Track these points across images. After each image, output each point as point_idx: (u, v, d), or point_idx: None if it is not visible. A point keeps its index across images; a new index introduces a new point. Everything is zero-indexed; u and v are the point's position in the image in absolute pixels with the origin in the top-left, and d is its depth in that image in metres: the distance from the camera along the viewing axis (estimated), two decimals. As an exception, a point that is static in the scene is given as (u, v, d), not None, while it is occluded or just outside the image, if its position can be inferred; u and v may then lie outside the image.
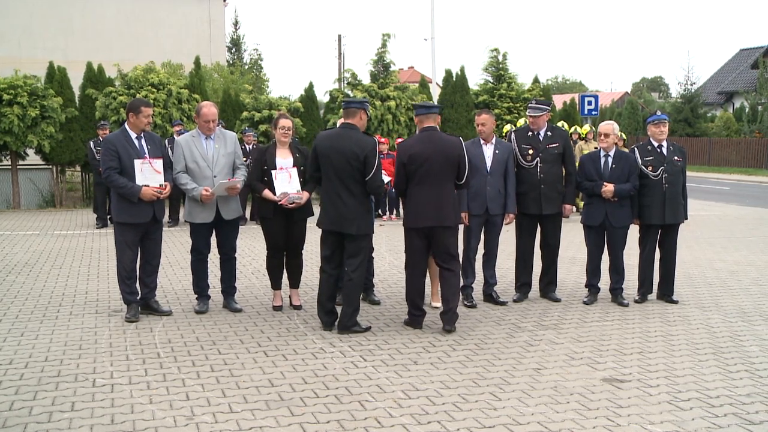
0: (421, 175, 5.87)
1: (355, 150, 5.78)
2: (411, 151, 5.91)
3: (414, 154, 5.88)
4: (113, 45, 24.32)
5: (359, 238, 5.93)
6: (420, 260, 6.06)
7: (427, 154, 5.86)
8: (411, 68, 60.62)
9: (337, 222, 5.91)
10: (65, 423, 4.10)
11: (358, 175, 5.81)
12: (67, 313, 6.56)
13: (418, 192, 5.90)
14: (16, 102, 14.49)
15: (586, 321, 6.49)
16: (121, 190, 6.14)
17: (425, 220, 5.90)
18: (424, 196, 5.89)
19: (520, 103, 17.75)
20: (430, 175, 5.87)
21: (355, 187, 5.85)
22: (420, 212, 5.90)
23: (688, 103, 37.28)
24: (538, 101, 7.23)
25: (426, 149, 5.88)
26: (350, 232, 5.87)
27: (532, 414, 4.32)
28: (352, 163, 5.79)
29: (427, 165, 5.85)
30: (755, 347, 5.76)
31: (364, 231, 5.94)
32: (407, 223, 6.02)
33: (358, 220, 5.87)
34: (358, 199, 5.89)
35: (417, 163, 5.86)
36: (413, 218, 5.95)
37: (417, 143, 5.96)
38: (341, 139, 5.90)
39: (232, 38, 48.49)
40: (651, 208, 7.00)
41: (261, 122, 15.58)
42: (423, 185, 5.89)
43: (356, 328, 5.96)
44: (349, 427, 4.10)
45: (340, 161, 5.83)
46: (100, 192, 12.65)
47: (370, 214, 6.06)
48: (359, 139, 5.85)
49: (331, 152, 5.89)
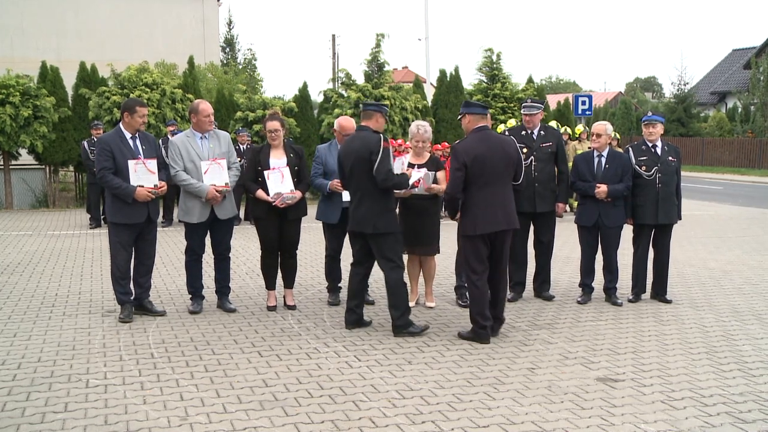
0: (486, 177, 5.62)
1: (362, 149, 5.79)
2: (475, 152, 5.59)
3: (479, 156, 5.58)
4: (106, 45, 24.22)
5: (380, 237, 5.85)
6: (486, 267, 5.75)
7: (491, 155, 5.62)
8: (405, 68, 60.61)
9: (355, 222, 5.92)
10: (58, 424, 4.09)
11: (370, 174, 5.77)
12: (60, 314, 6.53)
13: (485, 195, 5.63)
14: (9, 102, 14.43)
15: (580, 320, 6.50)
16: (116, 190, 6.12)
17: (496, 225, 5.64)
18: (492, 199, 5.64)
19: (514, 103, 17.78)
20: (495, 176, 5.65)
21: (368, 186, 5.82)
22: (489, 216, 5.62)
23: (681, 103, 37.44)
24: (533, 100, 7.28)
25: (488, 150, 5.63)
26: (367, 231, 5.85)
27: (527, 413, 4.33)
28: (362, 163, 5.78)
29: (492, 166, 5.62)
30: (748, 346, 5.79)
31: (381, 229, 5.83)
32: (475, 229, 5.64)
33: (374, 219, 5.81)
34: (374, 198, 5.83)
35: (482, 164, 5.59)
36: (483, 223, 5.63)
37: (478, 144, 5.65)
38: (353, 142, 5.95)
39: (226, 38, 48.42)
40: (644, 207, 7.02)
41: (255, 122, 15.56)
42: (489, 188, 5.63)
43: (411, 329, 5.87)
44: (344, 427, 4.10)
45: (352, 164, 5.85)
46: (93, 192, 12.62)
47: (389, 212, 5.91)
48: (365, 138, 5.85)
49: (344, 156, 5.95)
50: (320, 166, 6.77)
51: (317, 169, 6.79)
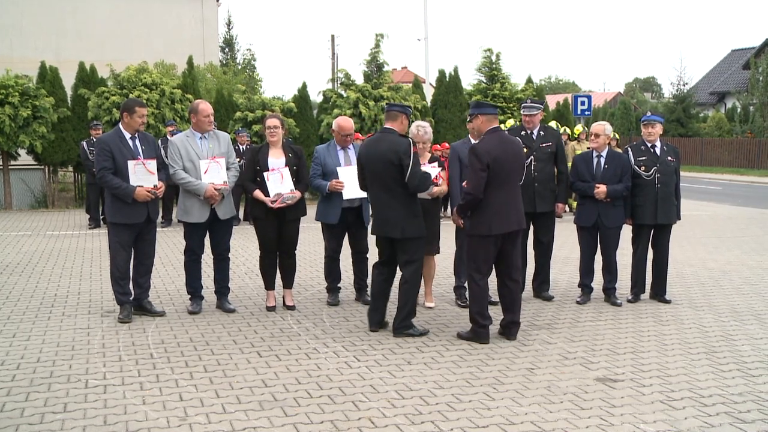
0: (502, 178, 5.63)
1: (390, 153, 5.70)
2: (494, 154, 5.58)
3: (498, 157, 5.58)
4: (105, 45, 24.21)
5: (407, 242, 5.82)
6: (491, 269, 5.81)
7: (507, 156, 5.64)
8: (404, 68, 60.60)
9: (383, 227, 5.86)
10: (57, 424, 4.09)
11: (398, 177, 5.70)
12: (59, 314, 6.53)
13: (499, 196, 5.63)
14: (8, 102, 14.42)
15: (579, 321, 6.50)
16: (115, 190, 6.12)
17: (510, 224, 5.67)
18: (506, 199, 5.66)
19: (513, 103, 17.79)
20: (510, 177, 5.68)
21: (396, 190, 5.75)
22: (504, 217, 5.64)
23: (680, 104, 37.46)
24: (532, 100, 7.29)
25: (505, 151, 5.64)
26: (395, 236, 5.81)
27: (526, 414, 4.33)
28: (389, 167, 5.70)
29: (509, 167, 5.65)
30: (747, 346, 5.79)
31: (410, 234, 5.80)
32: (490, 229, 5.63)
33: (402, 223, 5.77)
34: (402, 203, 5.77)
35: (501, 165, 5.59)
36: (498, 224, 5.63)
37: (495, 145, 5.64)
38: (378, 144, 5.84)
39: (225, 38, 48.37)
40: (643, 208, 7.02)
41: (254, 122, 15.56)
42: (503, 188, 5.65)
43: (411, 331, 5.87)
44: (343, 427, 4.10)
45: (377, 166, 5.76)
46: (92, 192, 12.61)
47: (417, 217, 5.87)
48: (393, 141, 5.75)
49: (369, 159, 5.84)
50: (319, 167, 6.77)
51: (316, 170, 6.79)
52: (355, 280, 7.15)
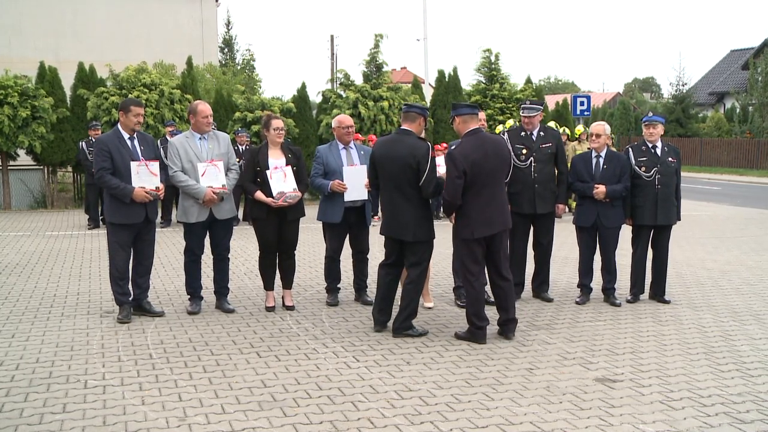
0: (483, 180, 5.57)
1: (408, 156, 5.65)
2: (472, 158, 5.53)
3: (476, 161, 5.52)
4: (105, 45, 24.18)
5: (417, 245, 5.81)
6: (482, 267, 5.78)
7: (487, 159, 5.57)
8: (404, 69, 60.62)
9: (394, 229, 5.83)
10: (57, 425, 4.08)
11: (413, 181, 5.67)
12: (58, 314, 6.53)
13: (481, 199, 5.59)
14: (7, 102, 14.42)
15: (578, 321, 6.51)
16: (114, 190, 6.12)
17: (493, 227, 5.63)
18: (488, 201, 5.62)
19: (512, 104, 17.79)
20: (491, 179, 5.63)
21: (410, 193, 5.72)
22: (488, 219, 5.60)
23: (679, 104, 37.46)
24: (531, 101, 7.28)
25: (485, 154, 5.57)
26: (407, 239, 5.79)
27: (525, 414, 4.33)
28: (406, 170, 5.66)
29: (488, 170, 5.58)
30: (746, 347, 5.79)
31: (421, 238, 5.78)
32: (472, 233, 5.60)
33: (414, 226, 5.75)
34: (415, 206, 5.75)
35: (479, 169, 5.54)
36: (480, 227, 5.60)
37: (473, 149, 5.58)
38: (395, 145, 5.79)
39: (225, 38, 48.36)
40: (643, 208, 7.02)
41: (253, 123, 15.56)
42: (485, 191, 5.60)
43: (410, 332, 5.87)
44: (342, 427, 4.10)
45: (393, 168, 5.72)
46: (91, 192, 12.60)
47: (428, 220, 5.85)
48: (412, 145, 5.71)
49: (385, 159, 5.79)
50: (321, 167, 6.77)
51: (317, 170, 6.79)
52: (354, 280, 7.15)
